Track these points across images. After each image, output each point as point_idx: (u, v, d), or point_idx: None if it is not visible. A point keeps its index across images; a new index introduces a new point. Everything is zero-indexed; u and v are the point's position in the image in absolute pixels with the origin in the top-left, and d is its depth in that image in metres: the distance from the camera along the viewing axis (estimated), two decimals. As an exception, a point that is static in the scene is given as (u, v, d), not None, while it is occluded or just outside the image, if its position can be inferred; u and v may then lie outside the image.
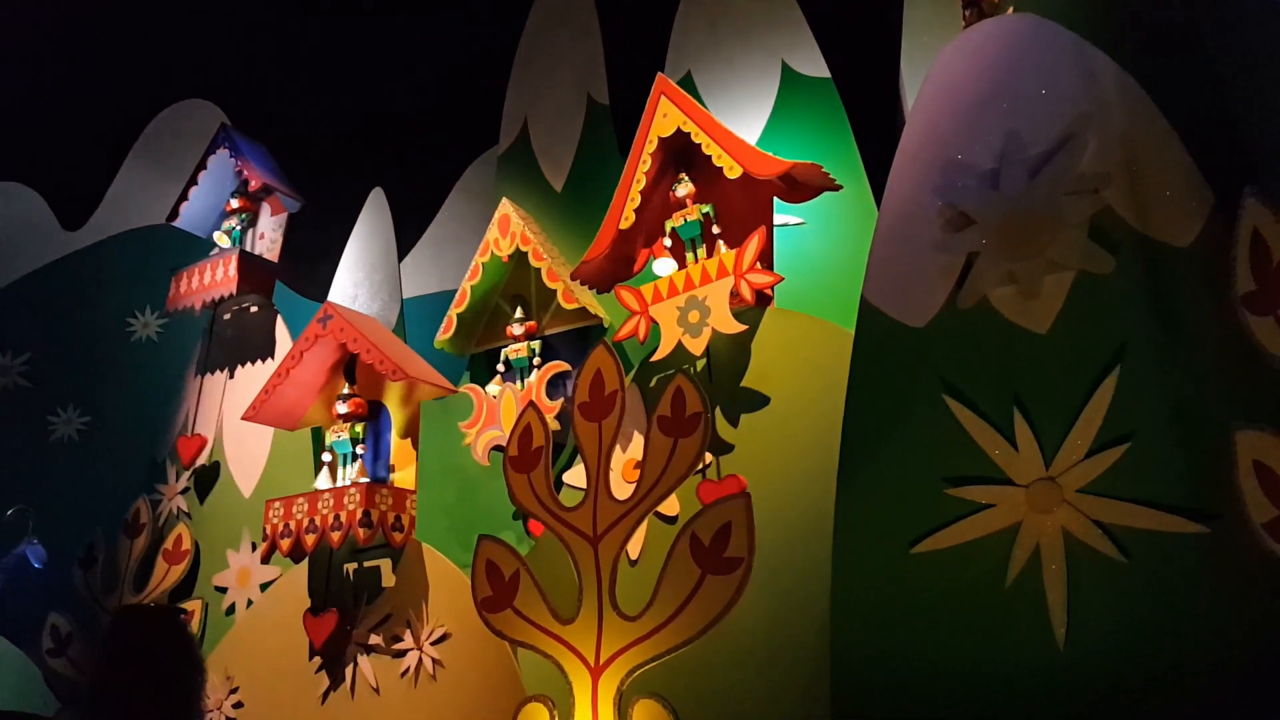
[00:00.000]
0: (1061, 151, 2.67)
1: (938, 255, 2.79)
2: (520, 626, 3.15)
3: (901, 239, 2.89)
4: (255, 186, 5.72)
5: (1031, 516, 2.53)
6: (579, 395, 3.26)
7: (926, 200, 2.85)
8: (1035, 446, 2.57)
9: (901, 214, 2.91)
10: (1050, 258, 2.62)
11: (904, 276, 2.86)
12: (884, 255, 2.92)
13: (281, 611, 4.63)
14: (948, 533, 2.63)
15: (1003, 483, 2.60)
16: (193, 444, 5.46)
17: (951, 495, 2.65)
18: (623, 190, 4.43)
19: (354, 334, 4.41)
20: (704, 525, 2.85)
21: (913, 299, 2.82)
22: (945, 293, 2.77)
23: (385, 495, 4.24)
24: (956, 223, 2.78)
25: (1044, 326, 2.62)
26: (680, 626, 2.82)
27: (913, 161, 2.93)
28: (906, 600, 2.66)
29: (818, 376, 3.83)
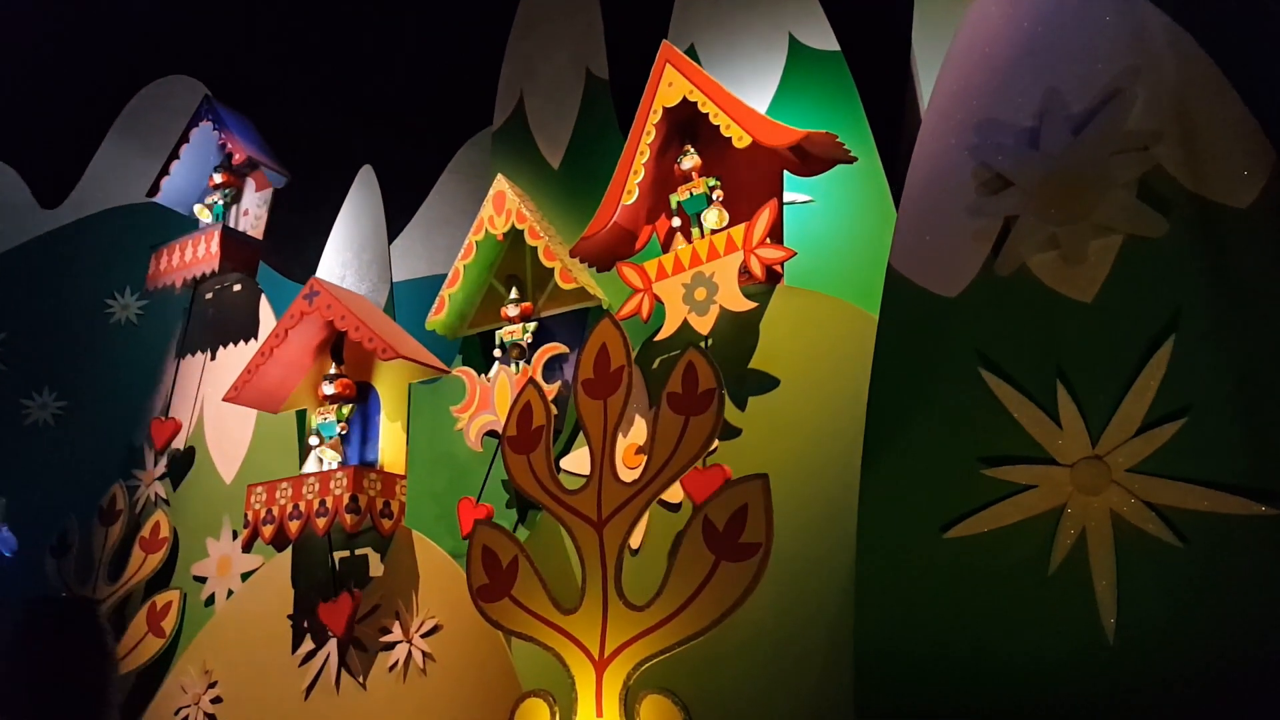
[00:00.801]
0: (1107, 108, 2.48)
1: (972, 219, 2.60)
2: (519, 617, 2.94)
3: (931, 203, 2.69)
4: (240, 160, 5.48)
5: (1077, 498, 2.34)
6: (583, 371, 3.05)
7: (959, 161, 2.66)
8: (1081, 423, 2.38)
9: (931, 176, 2.71)
10: (1096, 220, 2.42)
11: (934, 243, 2.66)
12: (912, 220, 2.72)
13: (263, 602, 4.42)
14: (984, 516, 2.44)
15: (1045, 462, 2.41)
16: (166, 428, 5.22)
17: (988, 476, 2.46)
18: (625, 163, 4.23)
19: (342, 310, 4.19)
20: (718, 508, 2.65)
21: (944, 266, 2.63)
22: (980, 259, 2.57)
23: (374, 480, 4.03)
24: (992, 184, 2.58)
25: (1089, 294, 2.43)
26: (692, 617, 2.62)
27: (943, 120, 2.73)
28: (938, 588, 2.48)
29: (831, 357, 3.65)
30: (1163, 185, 2.40)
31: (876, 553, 2.59)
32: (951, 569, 2.46)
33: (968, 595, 2.43)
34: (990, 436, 2.48)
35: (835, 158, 3.93)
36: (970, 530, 2.45)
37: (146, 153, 6.88)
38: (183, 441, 5.25)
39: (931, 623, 2.48)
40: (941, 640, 2.44)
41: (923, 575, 2.51)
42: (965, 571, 2.44)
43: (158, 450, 5.22)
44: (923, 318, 2.66)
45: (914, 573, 2.52)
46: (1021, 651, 2.34)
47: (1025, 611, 2.36)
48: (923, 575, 2.51)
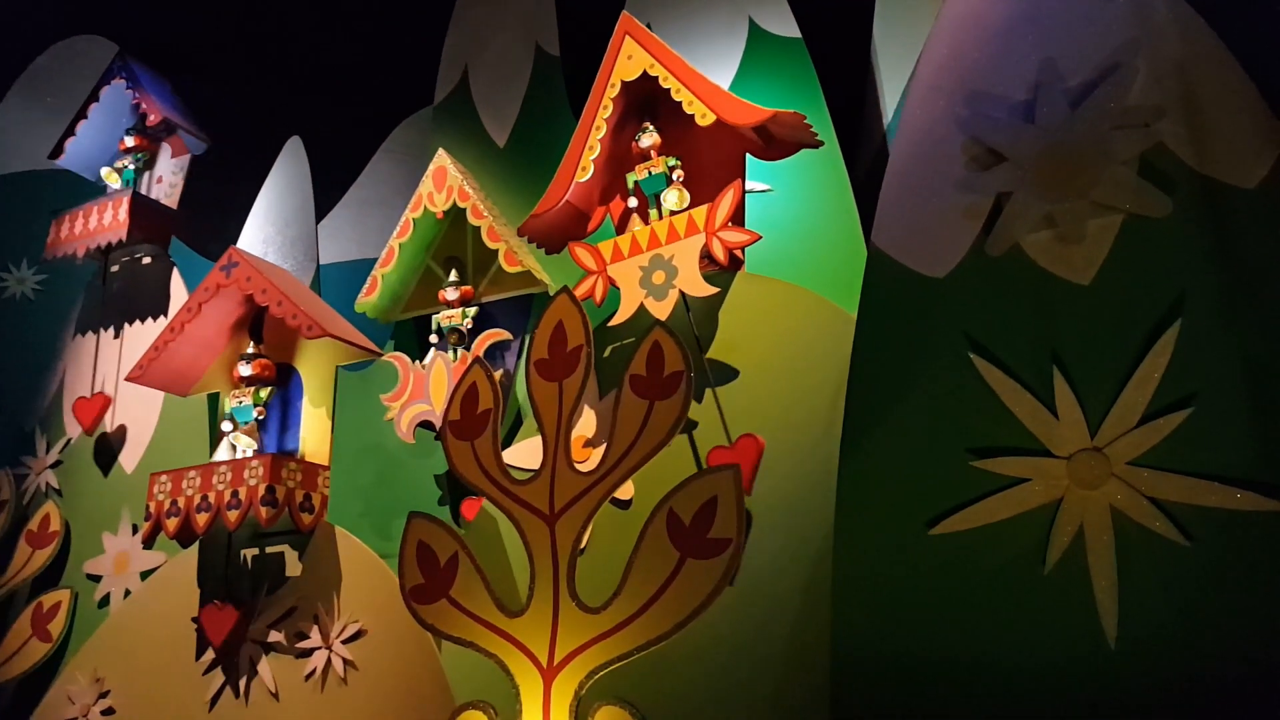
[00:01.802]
0: (1106, 82, 2.33)
1: (961, 196, 2.42)
2: (457, 620, 2.65)
3: (918, 178, 2.51)
4: (155, 121, 5.05)
5: (1074, 492, 2.18)
6: (536, 351, 2.78)
7: (948, 135, 2.47)
8: (1079, 412, 2.22)
9: (918, 151, 2.53)
10: (1095, 199, 2.27)
11: (921, 220, 2.47)
12: (897, 196, 2.53)
13: (164, 603, 4.00)
14: (974, 511, 2.26)
15: (1040, 454, 2.24)
16: (94, 405, 4.74)
17: (978, 468, 2.28)
18: (580, 138, 3.96)
19: (263, 284, 3.83)
20: (684, 501, 2.41)
21: (931, 245, 2.44)
22: (971, 238, 2.39)
23: (294, 470, 3.68)
24: (983, 160, 2.41)
25: (1087, 276, 2.27)
26: (653, 620, 2.37)
27: (931, 92, 2.55)
28: (924, 588, 2.28)
29: (795, 346, 3.45)
30: (1165, 163, 2.26)
31: (856, 550, 2.38)
32: (938, 568, 2.27)
33: (956, 596, 2.24)
34: (980, 426, 2.30)
35: (801, 141, 3.73)
36: (958, 526, 2.26)
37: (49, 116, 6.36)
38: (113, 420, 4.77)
39: (916, 625, 2.28)
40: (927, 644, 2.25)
41: (907, 574, 2.31)
42: (953, 570, 2.25)
43: (86, 432, 4.73)
44: (907, 299, 2.47)
45: (897, 572, 2.33)
46: (1014, 656, 2.16)
47: (1019, 614, 2.18)
48: (907, 574, 2.31)
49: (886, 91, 4.64)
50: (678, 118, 3.94)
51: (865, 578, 2.36)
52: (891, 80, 4.63)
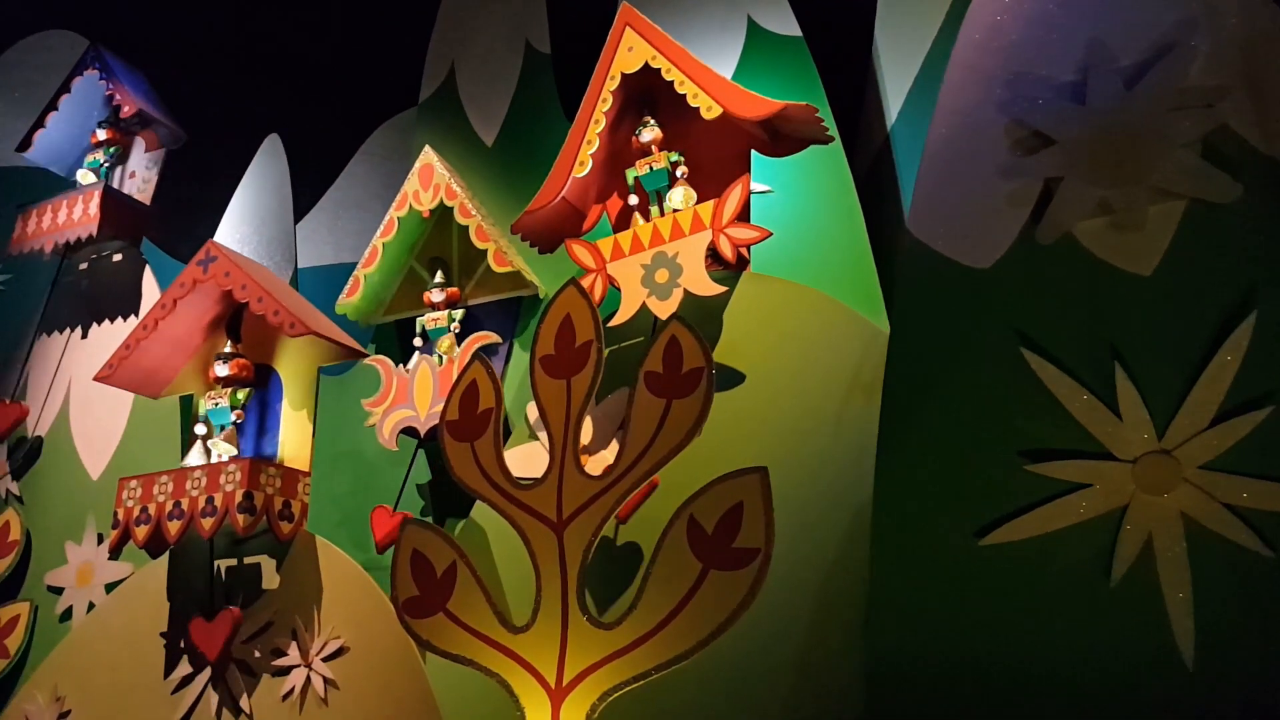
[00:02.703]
0: (1162, 62, 2.20)
1: (1006, 182, 2.28)
2: (455, 636, 2.46)
3: (957, 164, 2.37)
4: (129, 113, 4.82)
5: (1141, 499, 2.02)
6: (541, 346, 2.61)
7: (988, 118, 2.34)
8: (1143, 412, 2.07)
9: (955, 135, 2.39)
10: (1154, 184, 2.14)
11: (962, 208, 2.33)
12: (935, 184, 2.39)
13: (131, 618, 3.76)
14: (1029, 519, 2.10)
15: (1101, 457, 2.09)
16: (10, 413, 4.49)
17: (1032, 473, 2.13)
18: (578, 131, 3.81)
19: (243, 279, 3.63)
20: (706, 507, 2.25)
21: (974, 234, 2.30)
22: (1017, 226, 2.26)
23: (273, 475, 3.46)
24: (1029, 143, 2.28)
25: (1148, 266, 2.13)
26: (673, 637, 2.20)
27: (969, 74, 2.41)
28: (972, 603, 2.12)
29: (804, 349, 3.31)
30: (1230, 146, 2.13)
31: (897, 563, 2.22)
32: (989, 581, 2.11)
33: (1009, 612, 2.08)
34: (1034, 427, 2.15)
35: (809, 136, 3.61)
36: (1011, 536, 2.11)
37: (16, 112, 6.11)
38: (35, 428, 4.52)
39: (965, 643, 2.12)
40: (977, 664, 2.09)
41: (953, 588, 2.15)
42: (1006, 584, 2.09)
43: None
44: (949, 291, 2.32)
45: (943, 585, 2.17)
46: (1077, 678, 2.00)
47: (1082, 632, 2.02)
48: (953, 588, 2.15)
49: (889, 91, 4.52)
50: (679, 112, 3.81)
51: (905, 591, 2.20)
52: (894, 80, 4.51)
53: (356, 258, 5.36)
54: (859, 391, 3.17)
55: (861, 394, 3.16)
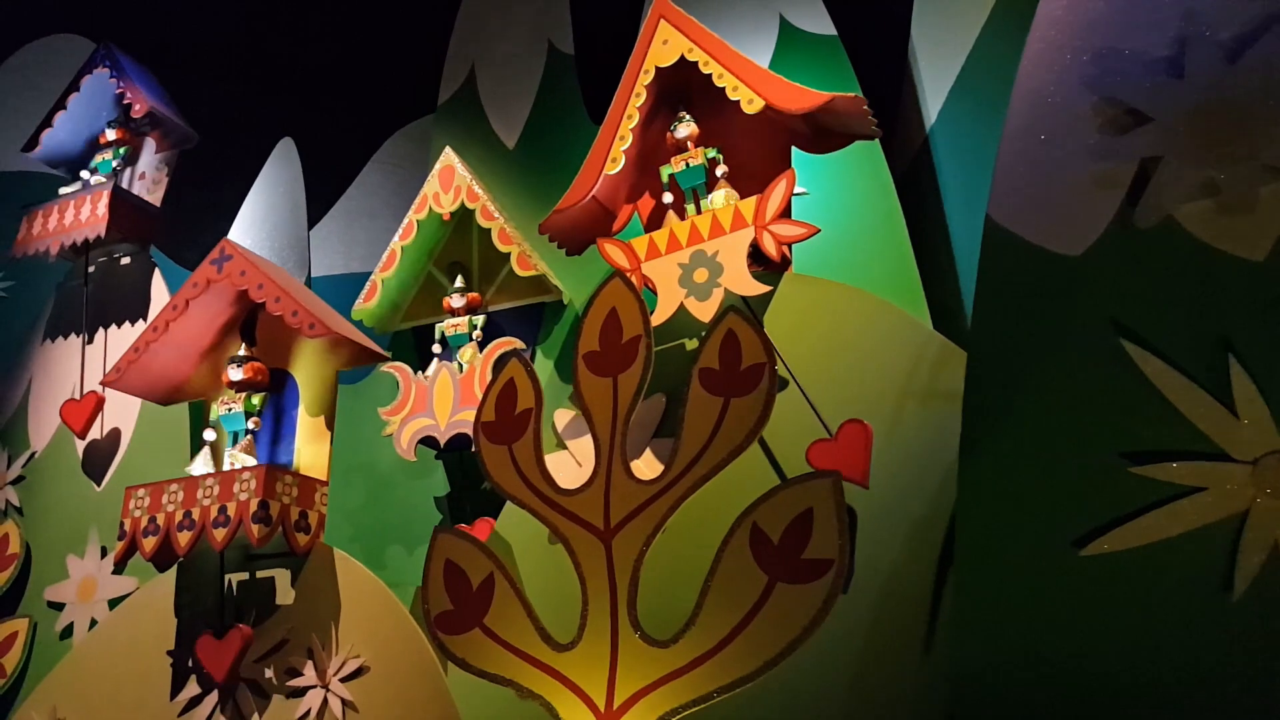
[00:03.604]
0: (1270, 33, 2.04)
1: (1095, 163, 2.12)
2: (493, 654, 2.26)
3: (1042, 146, 2.20)
4: (140, 112, 4.66)
5: (1266, 503, 1.84)
6: (585, 343, 2.44)
7: (1074, 96, 2.18)
8: (1263, 409, 1.89)
9: (1037, 117, 2.23)
10: (1266, 162, 1.96)
11: (1049, 192, 2.16)
12: (1017, 167, 2.22)
13: (135, 634, 3.56)
14: (1135, 527, 1.91)
15: (1216, 457, 1.90)
16: (85, 406, 4.29)
17: (1138, 475, 1.94)
18: (610, 127, 3.65)
19: (260, 278, 3.46)
20: (771, 514, 2.06)
21: (1063, 219, 2.13)
22: (1111, 210, 2.08)
23: (290, 484, 3.28)
24: (1122, 122, 2.11)
25: (1260, 251, 1.96)
26: (737, 656, 2.01)
27: (1050, 51, 2.25)
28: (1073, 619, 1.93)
29: (853, 351, 3.14)
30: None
31: (985, 577, 2.03)
32: (1091, 594, 1.92)
33: (1116, 628, 1.89)
34: (1138, 425, 1.96)
35: (855, 131, 3.45)
36: (1116, 545, 1.92)
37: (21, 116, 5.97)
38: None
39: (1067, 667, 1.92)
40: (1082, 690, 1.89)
41: (1052, 604, 1.96)
42: (1111, 598, 1.90)
43: (79, 435, 4.28)
44: (1037, 280, 2.15)
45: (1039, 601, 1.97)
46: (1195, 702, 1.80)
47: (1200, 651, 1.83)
48: (1052, 604, 1.96)
49: (928, 92, 4.38)
50: (715, 108, 3.67)
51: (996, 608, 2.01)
52: (932, 80, 4.37)
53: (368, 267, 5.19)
54: (913, 398, 3.01)
55: (916, 400, 3.00)
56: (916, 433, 2.94)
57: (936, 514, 2.76)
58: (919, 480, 2.86)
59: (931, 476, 2.84)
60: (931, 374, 3.02)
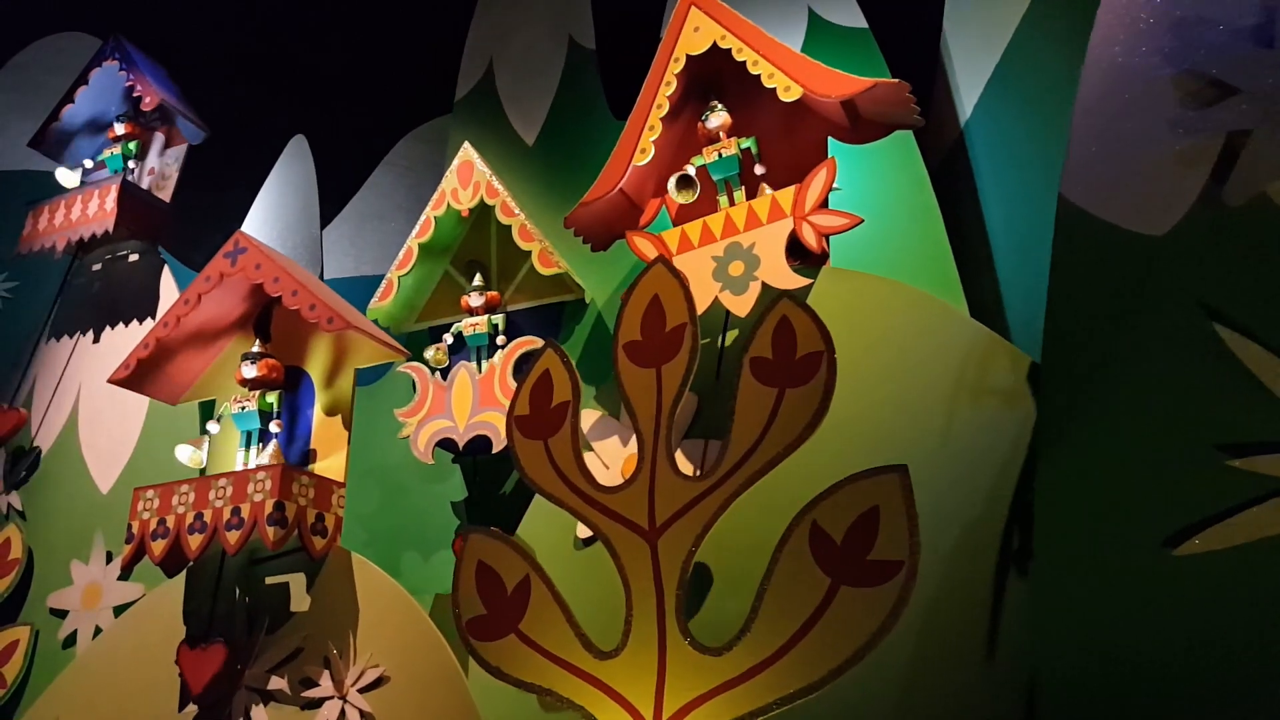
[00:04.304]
0: (1366, -1, 1.91)
1: (1179, 138, 1.98)
2: (530, 661, 2.11)
3: (1116, 123, 2.07)
4: (151, 105, 4.54)
5: (1381, 501, 1.69)
6: (625, 332, 2.30)
7: (1150, 67, 2.05)
8: (1375, 397, 1.75)
9: (1112, 91, 2.09)
10: (1366, 135, 1.83)
11: (1126, 170, 2.03)
12: (1093, 144, 2.08)
13: (141, 643, 3.41)
14: (1235, 524, 1.77)
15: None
16: (5, 420, 4.17)
17: (1236, 469, 1.79)
18: (638, 118, 3.52)
19: (276, 271, 3.32)
20: (833, 513, 1.91)
21: (1144, 198, 1.99)
22: (1196, 187, 1.95)
23: (306, 485, 3.13)
24: (1206, 95, 1.98)
25: (1361, 227, 1.82)
26: (798, 665, 1.85)
27: (1124, 24, 2.12)
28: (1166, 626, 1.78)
29: (900, 349, 2.99)
30: None
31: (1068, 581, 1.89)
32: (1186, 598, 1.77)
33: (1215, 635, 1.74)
34: (1235, 415, 1.82)
35: (895, 120, 3.31)
36: (1214, 544, 1.77)
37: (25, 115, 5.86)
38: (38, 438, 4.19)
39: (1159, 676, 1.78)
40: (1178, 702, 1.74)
41: (1142, 608, 1.81)
42: (1209, 602, 1.75)
43: None
44: (1117, 261, 2.01)
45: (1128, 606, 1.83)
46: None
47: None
48: (1142, 608, 1.81)
49: (962, 86, 4.25)
50: (747, 98, 3.54)
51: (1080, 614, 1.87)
52: (967, 74, 4.24)
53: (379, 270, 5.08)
54: (965, 394, 2.87)
55: (968, 397, 2.86)
56: (968, 431, 2.79)
57: (992, 515, 2.62)
58: (971, 480, 2.72)
59: (985, 476, 2.70)
60: (981, 370, 2.88)
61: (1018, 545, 2.62)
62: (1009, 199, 3.88)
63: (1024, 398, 2.81)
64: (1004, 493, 2.68)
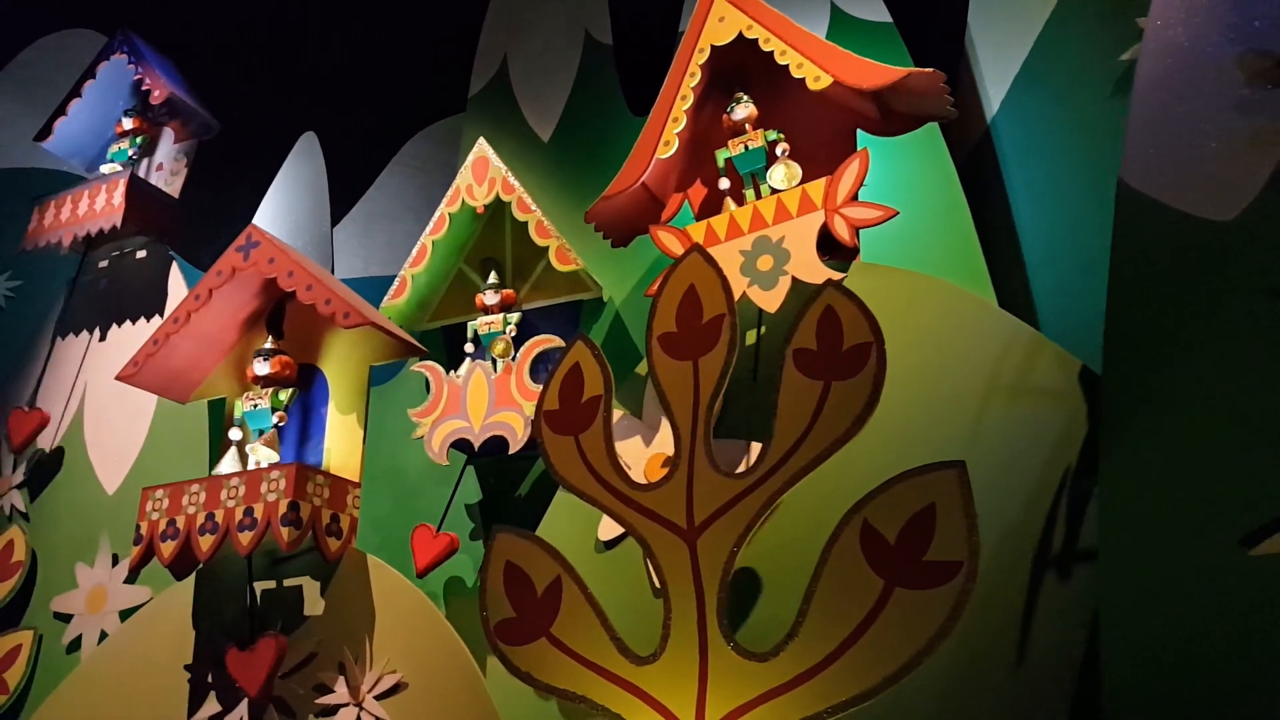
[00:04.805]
0: None
1: (1246, 120, 1.89)
2: (562, 667, 2.01)
3: (1178, 104, 1.98)
4: (159, 99, 4.45)
5: None
6: (660, 323, 2.20)
7: (1212, 47, 1.96)
8: None
9: (1172, 73, 2.00)
10: None
11: (1189, 152, 1.94)
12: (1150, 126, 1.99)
13: (149, 648, 3.32)
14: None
15: None
16: (29, 420, 4.07)
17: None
18: (662, 109, 3.43)
19: (290, 265, 3.24)
20: (885, 511, 1.82)
21: (1210, 181, 1.90)
22: (1266, 170, 1.86)
23: (321, 485, 3.03)
24: (1272, 74, 1.88)
25: None
26: (850, 671, 1.75)
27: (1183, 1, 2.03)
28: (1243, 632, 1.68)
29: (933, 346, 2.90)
30: None
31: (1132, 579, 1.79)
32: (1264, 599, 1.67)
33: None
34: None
35: (930, 111, 3.21)
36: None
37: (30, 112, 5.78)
38: (53, 440, 4.11)
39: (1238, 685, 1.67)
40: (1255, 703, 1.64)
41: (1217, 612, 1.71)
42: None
43: (15, 449, 4.06)
44: (1182, 248, 1.92)
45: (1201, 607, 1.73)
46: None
47: None
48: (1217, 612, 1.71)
49: (988, 82, 4.16)
50: (772, 89, 3.45)
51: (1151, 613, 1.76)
52: (993, 70, 4.16)
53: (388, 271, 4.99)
54: (1000, 393, 2.77)
55: (1004, 396, 2.77)
56: (1006, 431, 2.70)
57: (1031, 518, 2.53)
58: (1009, 482, 2.62)
59: (1024, 478, 2.61)
60: (1020, 368, 2.79)
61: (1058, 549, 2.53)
62: (1040, 196, 3.80)
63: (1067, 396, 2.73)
64: (1044, 496, 2.59)
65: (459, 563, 3.98)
